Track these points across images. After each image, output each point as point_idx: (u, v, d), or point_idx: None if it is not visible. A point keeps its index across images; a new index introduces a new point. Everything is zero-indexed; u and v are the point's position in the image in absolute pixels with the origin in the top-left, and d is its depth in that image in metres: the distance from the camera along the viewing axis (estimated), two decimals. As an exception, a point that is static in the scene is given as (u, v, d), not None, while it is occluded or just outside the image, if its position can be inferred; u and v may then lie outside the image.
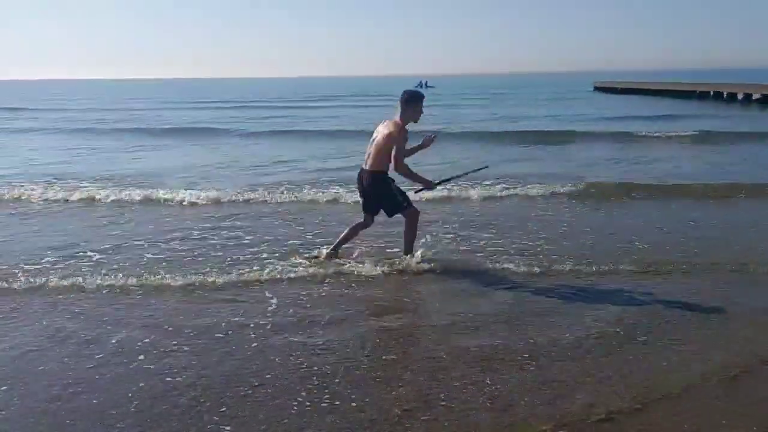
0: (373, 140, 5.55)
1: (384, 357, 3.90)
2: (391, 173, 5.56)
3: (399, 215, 5.74)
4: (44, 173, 11.32)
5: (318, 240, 6.47)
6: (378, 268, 5.50)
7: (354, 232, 5.89)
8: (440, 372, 3.63)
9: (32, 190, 9.38)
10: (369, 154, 5.57)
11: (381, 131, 5.51)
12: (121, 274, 5.32)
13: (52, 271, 5.47)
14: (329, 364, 3.72)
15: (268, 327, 4.31)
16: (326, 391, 3.41)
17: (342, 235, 5.89)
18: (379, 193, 5.61)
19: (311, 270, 5.50)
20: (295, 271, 5.45)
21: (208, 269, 5.54)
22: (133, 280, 5.20)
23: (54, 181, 10.36)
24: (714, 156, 13.55)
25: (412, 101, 5.45)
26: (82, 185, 9.86)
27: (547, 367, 3.68)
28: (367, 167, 5.57)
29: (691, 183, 9.71)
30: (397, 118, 5.47)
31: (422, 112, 5.53)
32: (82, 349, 3.95)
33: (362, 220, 5.85)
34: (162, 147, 16.55)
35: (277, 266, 5.59)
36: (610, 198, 8.78)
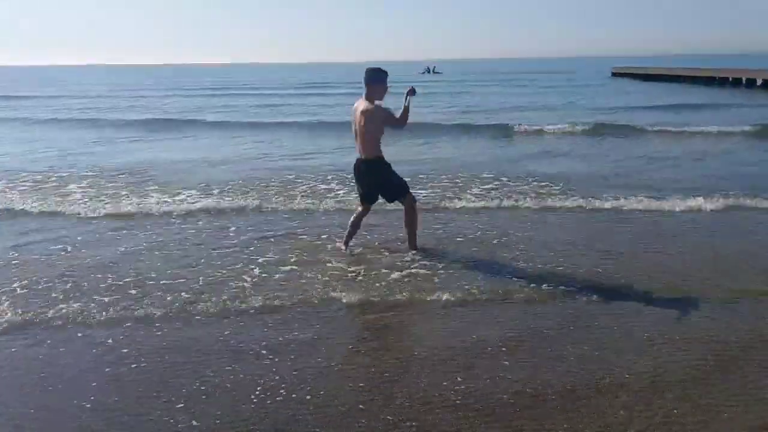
0: (355, 129, 5.60)
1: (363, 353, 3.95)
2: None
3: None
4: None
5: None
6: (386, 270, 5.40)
7: (357, 224, 5.95)
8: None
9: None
10: (359, 144, 5.61)
11: (357, 118, 5.55)
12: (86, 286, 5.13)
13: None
14: (290, 360, 3.78)
15: (239, 317, 4.38)
16: (283, 385, 3.46)
17: (347, 231, 5.97)
18: (379, 179, 5.66)
19: (300, 267, 5.52)
20: (279, 270, 5.46)
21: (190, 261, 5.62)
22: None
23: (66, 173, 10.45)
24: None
25: (376, 79, 5.51)
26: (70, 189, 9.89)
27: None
28: (363, 156, 5.61)
29: None
30: (362, 98, 5.56)
31: (387, 90, 5.60)
32: (51, 354, 3.97)
33: (360, 210, 5.91)
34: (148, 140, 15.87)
35: (264, 259, 5.67)
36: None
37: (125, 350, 3.93)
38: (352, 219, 5.97)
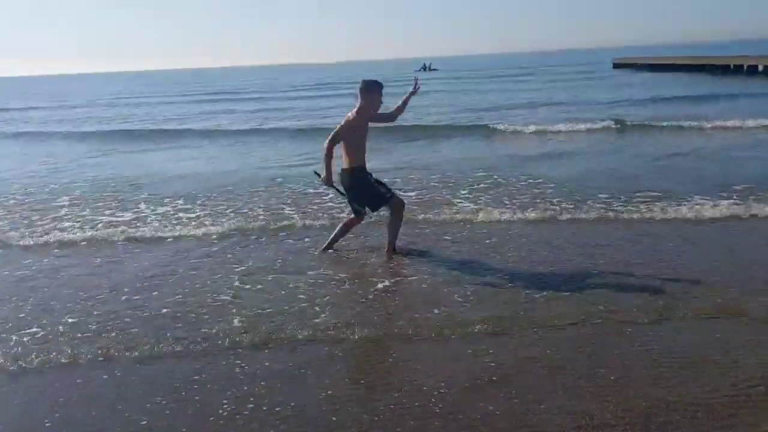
0: None
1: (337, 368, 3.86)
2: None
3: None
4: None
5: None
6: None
7: (344, 232, 5.92)
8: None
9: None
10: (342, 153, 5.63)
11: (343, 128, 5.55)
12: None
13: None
14: (260, 371, 3.73)
15: (214, 328, 4.32)
16: (251, 398, 3.41)
17: (332, 235, 5.97)
18: (358, 188, 5.61)
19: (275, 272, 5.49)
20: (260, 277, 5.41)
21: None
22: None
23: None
24: None
25: (368, 90, 5.50)
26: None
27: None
28: (343, 165, 5.61)
29: None
30: (354, 110, 5.53)
31: (381, 102, 5.57)
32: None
33: (352, 218, 5.90)
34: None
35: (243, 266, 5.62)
36: None
37: (92, 380, 3.81)
38: (340, 226, 5.95)
